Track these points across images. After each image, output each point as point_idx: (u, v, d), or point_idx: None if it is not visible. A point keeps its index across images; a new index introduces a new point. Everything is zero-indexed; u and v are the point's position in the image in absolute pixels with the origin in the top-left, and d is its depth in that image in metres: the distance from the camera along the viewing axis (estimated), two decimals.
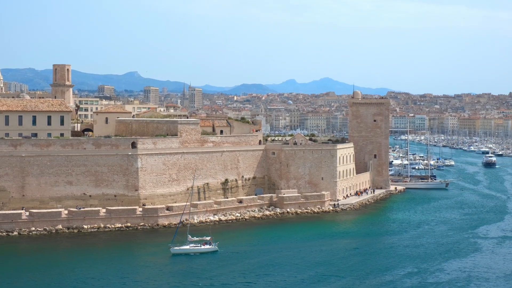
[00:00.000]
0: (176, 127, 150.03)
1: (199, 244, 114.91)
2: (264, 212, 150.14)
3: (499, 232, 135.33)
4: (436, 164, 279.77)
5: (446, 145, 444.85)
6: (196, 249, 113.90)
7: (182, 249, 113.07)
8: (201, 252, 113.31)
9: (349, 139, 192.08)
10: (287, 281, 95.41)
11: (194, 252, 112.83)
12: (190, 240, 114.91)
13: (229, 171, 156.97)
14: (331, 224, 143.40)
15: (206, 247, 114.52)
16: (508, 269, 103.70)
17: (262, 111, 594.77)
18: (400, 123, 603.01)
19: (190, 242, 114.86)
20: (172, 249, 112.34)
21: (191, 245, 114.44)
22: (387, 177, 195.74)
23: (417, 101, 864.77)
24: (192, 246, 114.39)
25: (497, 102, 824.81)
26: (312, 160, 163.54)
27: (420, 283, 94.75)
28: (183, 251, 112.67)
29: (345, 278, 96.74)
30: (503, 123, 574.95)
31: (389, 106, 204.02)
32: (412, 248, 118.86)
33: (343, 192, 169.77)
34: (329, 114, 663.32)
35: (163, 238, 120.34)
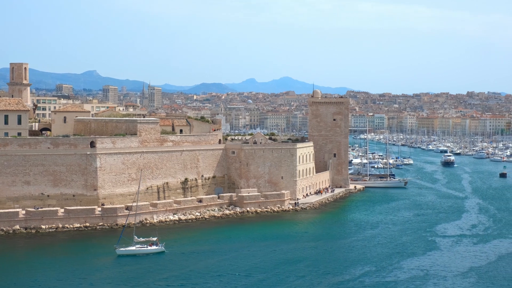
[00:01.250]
0: (135, 126, 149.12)
1: (146, 245, 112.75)
2: (224, 212, 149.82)
3: (457, 230, 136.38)
4: (395, 163, 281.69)
5: (405, 144, 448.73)
6: (142, 250, 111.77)
7: (128, 250, 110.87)
8: (147, 253, 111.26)
9: (309, 138, 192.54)
10: (242, 282, 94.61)
11: (140, 253, 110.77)
12: (136, 241, 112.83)
13: (188, 171, 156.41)
14: (290, 223, 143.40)
15: (153, 248, 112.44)
16: (465, 267, 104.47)
17: (222, 110, 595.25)
18: (359, 122, 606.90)
19: (136, 243, 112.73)
20: (117, 250, 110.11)
21: (137, 246, 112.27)
22: (346, 176, 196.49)
23: (376, 100, 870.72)
24: (138, 247, 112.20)
25: (455, 101, 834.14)
26: (272, 159, 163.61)
27: (379, 282, 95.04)
28: (129, 252, 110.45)
29: (304, 278, 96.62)
30: (461, 122, 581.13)
31: (349, 105, 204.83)
32: (371, 247, 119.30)
33: (303, 191, 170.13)
34: (289, 113, 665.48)
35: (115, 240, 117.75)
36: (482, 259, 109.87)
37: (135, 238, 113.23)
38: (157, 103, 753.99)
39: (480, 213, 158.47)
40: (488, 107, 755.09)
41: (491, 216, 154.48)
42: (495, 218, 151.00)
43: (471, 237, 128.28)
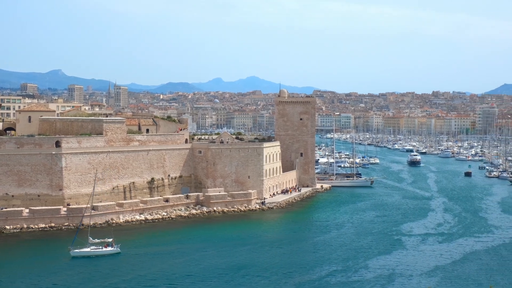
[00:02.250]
0: (101, 125, 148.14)
1: (101, 246, 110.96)
2: (191, 211, 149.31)
3: (422, 229, 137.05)
4: (361, 162, 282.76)
5: (371, 144, 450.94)
6: (97, 251, 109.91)
7: (82, 251, 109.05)
8: (102, 254, 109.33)
9: (276, 138, 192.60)
10: (198, 285, 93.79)
11: (95, 255, 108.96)
12: (90, 242, 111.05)
13: (155, 170, 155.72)
14: (257, 223, 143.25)
15: (108, 249, 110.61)
16: (430, 265, 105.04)
17: (188, 110, 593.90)
18: (326, 122, 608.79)
19: (91, 244, 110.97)
20: (71, 252, 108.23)
21: (92, 248, 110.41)
22: (313, 175, 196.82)
23: (342, 99, 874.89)
24: (93, 248, 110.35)
25: (420, 101, 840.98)
26: (238, 159, 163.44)
27: (345, 281, 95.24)
28: (83, 254, 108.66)
29: (270, 278, 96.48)
30: (426, 121, 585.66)
31: (315, 105, 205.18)
32: (337, 246, 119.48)
33: (270, 190, 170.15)
34: (255, 113, 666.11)
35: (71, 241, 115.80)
36: (447, 258, 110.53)
37: (90, 239, 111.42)
38: (123, 103, 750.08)
39: (446, 212, 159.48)
40: (453, 107, 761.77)
41: (456, 215, 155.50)
42: (460, 217, 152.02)
43: (436, 236, 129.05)
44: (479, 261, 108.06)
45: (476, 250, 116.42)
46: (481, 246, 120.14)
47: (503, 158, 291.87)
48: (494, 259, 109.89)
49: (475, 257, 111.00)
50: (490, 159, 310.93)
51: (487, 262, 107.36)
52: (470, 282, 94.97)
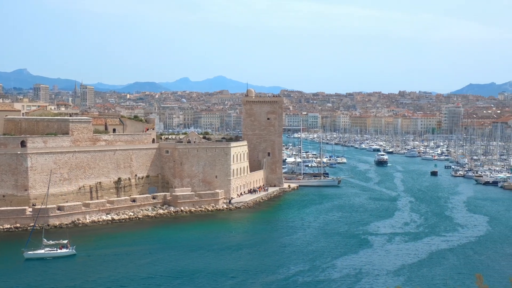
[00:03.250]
0: (67, 125, 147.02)
1: (55, 248, 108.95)
2: (158, 211, 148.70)
3: (389, 228, 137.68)
4: (328, 162, 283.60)
5: (338, 143, 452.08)
6: (52, 253, 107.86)
7: (36, 253, 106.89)
8: (57, 256, 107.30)
9: (243, 137, 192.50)
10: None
11: (49, 257, 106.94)
12: (45, 244, 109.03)
13: (122, 170, 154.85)
14: (224, 223, 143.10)
15: (63, 251, 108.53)
16: (397, 264, 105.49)
17: (155, 109, 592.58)
18: (293, 121, 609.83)
19: (45, 246, 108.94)
20: (25, 254, 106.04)
21: (46, 249, 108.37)
22: (280, 174, 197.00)
23: (310, 99, 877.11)
24: (48, 250, 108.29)
25: (387, 100, 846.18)
26: (206, 159, 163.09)
27: (312, 281, 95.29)
28: (37, 256, 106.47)
29: (236, 278, 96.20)
30: (393, 121, 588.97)
31: (283, 105, 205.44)
32: (304, 245, 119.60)
33: (237, 190, 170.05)
34: (223, 112, 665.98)
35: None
36: (413, 256, 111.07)
37: (44, 241, 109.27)
38: (89, 102, 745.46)
39: (412, 212, 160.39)
40: (419, 106, 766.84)
41: (422, 214, 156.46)
42: (426, 217, 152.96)
43: (403, 235, 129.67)
44: (445, 260, 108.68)
45: (442, 249, 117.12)
46: (447, 245, 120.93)
47: (468, 157, 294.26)
48: (460, 258, 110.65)
49: (441, 256, 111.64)
50: (456, 158, 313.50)
51: (453, 261, 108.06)
52: (436, 281, 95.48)
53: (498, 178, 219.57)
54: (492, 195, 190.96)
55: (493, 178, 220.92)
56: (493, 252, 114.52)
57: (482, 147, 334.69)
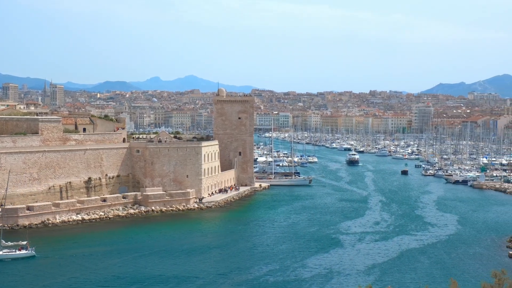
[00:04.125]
0: (37, 125, 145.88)
1: (14, 249, 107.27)
2: (129, 211, 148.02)
3: (360, 228, 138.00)
4: (299, 161, 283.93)
5: (309, 142, 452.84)
6: (10, 255, 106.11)
7: None
8: (16, 257, 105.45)
9: (214, 137, 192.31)
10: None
11: (7, 258, 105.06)
12: (3, 245, 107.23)
13: (92, 170, 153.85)
14: (195, 222, 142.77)
15: (22, 252, 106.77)
16: (368, 263, 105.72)
17: (126, 109, 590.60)
18: (264, 121, 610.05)
19: (4, 247, 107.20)
20: None
21: (5, 251, 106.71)
22: (251, 174, 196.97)
23: (281, 99, 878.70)
24: (6, 251, 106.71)
25: (358, 100, 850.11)
26: (177, 158, 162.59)
27: (283, 280, 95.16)
28: None
29: (206, 278, 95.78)
30: (363, 120, 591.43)
31: (254, 104, 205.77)
32: (275, 245, 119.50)
33: (208, 189, 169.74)
34: (194, 112, 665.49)
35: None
36: (384, 256, 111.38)
37: (3, 242, 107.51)
38: (59, 102, 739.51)
39: (383, 211, 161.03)
40: (390, 106, 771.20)
41: (393, 213, 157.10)
42: (397, 216, 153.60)
43: (373, 234, 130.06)
44: (415, 259, 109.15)
45: (413, 248, 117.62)
46: (417, 244, 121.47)
47: (438, 156, 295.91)
48: (431, 256, 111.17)
49: (412, 255, 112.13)
50: (426, 157, 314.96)
51: (424, 259, 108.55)
52: (407, 280, 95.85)
53: (468, 177, 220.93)
54: (462, 194, 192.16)
55: (463, 177, 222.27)
56: (463, 252, 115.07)
57: (452, 146, 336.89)
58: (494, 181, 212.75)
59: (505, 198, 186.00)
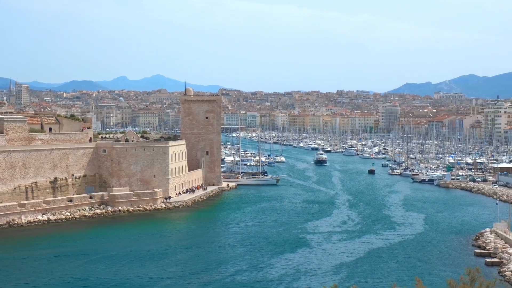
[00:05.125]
0: (2, 124, 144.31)
1: None
2: (95, 211, 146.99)
3: (327, 227, 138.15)
4: (267, 161, 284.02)
5: (276, 142, 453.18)
6: None
7: None
8: None
9: (181, 136, 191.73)
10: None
11: None
12: None
13: (58, 170, 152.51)
14: (162, 222, 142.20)
15: None
16: (335, 263, 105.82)
17: (92, 108, 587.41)
18: (232, 120, 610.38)
19: None
20: None
21: None
22: (219, 173, 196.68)
23: (248, 98, 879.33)
24: None
25: (325, 99, 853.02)
26: (144, 158, 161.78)
27: (250, 280, 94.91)
28: None
29: (172, 279, 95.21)
30: (331, 120, 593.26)
31: (221, 104, 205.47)
32: (242, 245, 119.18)
33: (176, 189, 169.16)
34: (161, 111, 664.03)
35: None
36: (351, 255, 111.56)
37: None
38: (24, 101, 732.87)
39: (350, 210, 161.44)
40: (357, 105, 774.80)
41: (360, 212, 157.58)
42: (364, 215, 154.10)
43: (340, 234, 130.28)
44: (382, 258, 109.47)
45: (379, 248, 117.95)
46: (384, 243, 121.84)
47: (405, 155, 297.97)
48: (398, 255, 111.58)
49: (379, 254, 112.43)
50: (393, 157, 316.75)
51: (391, 259, 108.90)
52: (374, 279, 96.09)
53: (434, 176, 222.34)
54: (428, 194, 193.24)
55: (429, 176, 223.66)
56: (429, 251, 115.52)
57: (419, 146, 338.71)
58: (460, 180, 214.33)
59: (471, 197, 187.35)
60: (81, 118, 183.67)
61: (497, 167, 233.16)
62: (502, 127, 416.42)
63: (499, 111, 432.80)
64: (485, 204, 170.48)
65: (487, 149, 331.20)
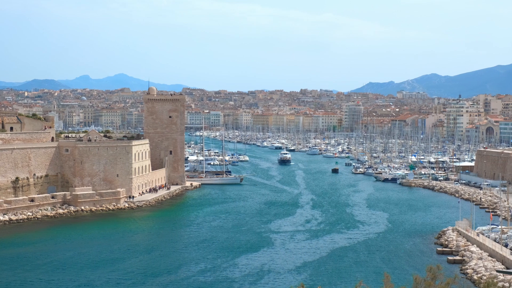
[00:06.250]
0: None
1: None
2: (58, 211, 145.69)
3: (291, 226, 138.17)
4: (231, 160, 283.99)
5: (240, 141, 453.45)
6: None
7: None
8: None
9: (145, 136, 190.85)
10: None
11: None
12: None
13: (20, 169, 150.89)
14: (125, 222, 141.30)
15: None
16: (298, 262, 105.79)
17: (54, 108, 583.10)
18: (195, 120, 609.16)
19: None
20: None
21: None
22: (183, 173, 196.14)
23: (212, 97, 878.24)
24: None
25: (289, 98, 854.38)
26: (107, 157, 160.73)
27: (213, 280, 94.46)
28: None
29: (134, 279, 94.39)
30: (294, 119, 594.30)
31: (185, 103, 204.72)
32: (206, 244, 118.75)
33: (139, 188, 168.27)
34: (124, 111, 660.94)
35: None
36: (315, 254, 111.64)
37: None
38: None
39: (313, 209, 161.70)
40: (320, 104, 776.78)
41: (324, 211, 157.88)
42: (327, 214, 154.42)
43: (304, 233, 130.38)
44: (346, 256, 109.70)
45: (343, 246, 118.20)
46: (348, 242, 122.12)
47: (368, 154, 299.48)
48: (361, 254, 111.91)
49: (342, 253, 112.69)
50: (356, 156, 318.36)
51: (354, 258, 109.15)
52: (338, 278, 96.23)
53: (397, 175, 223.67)
54: (391, 192, 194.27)
55: (392, 175, 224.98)
56: (393, 249, 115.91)
57: (382, 145, 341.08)
58: (422, 179, 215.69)
59: (433, 195, 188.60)
60: (43, 117, 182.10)
61: (459, 165, 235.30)
62: (464, 126, 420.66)
63: (460, 110, 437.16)
64: (447, 203, 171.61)
65: (449, 148, 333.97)
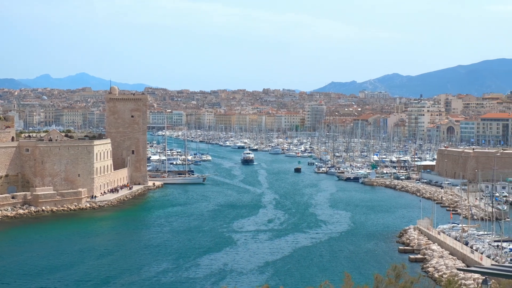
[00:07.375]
0: None
1: None
2: (18, 211, 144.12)
3: (254, 226, 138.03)
4: (193, 159, 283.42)
5: (203, 141, 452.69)
6: None
7: None
8: None
9: (107, 135, 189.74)
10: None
11: None
12: None
13: None
14: (87, 222, 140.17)
15: None
16: (261, 261, 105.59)
17: (14, 107, 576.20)
18: (157, 119, 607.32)
19: None
20: None
21: None
22: (145, 172, 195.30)
23: (174, 97, 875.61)
24: None
25: (251, 98, 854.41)
26: (68, 157, 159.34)
27: (175, 280, 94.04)
28: None
29: (96, 280, 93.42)
30: (257, 118, 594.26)
31: (147, 102, 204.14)
32: (168, 244, 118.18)
33: (101, 188, 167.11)
34: (85, 110, 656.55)
35: None
36: (277, 253, 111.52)
37: None
38: None
39: (276, 209, 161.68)
40: (283, 104, 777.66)
41: (286, 211, 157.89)
42: (290, 213, 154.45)
43: (267, 232, 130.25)
44: (309, 256, 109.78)
45: (306, 246, 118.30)
46: (311, 241, 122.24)
47: (331, 154, 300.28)
48: (324, 254, 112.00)
49: (305, 252, 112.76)
50: (318, 155, 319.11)
51: (317, 257, 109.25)
52: (302, 278, 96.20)
53: (359, 174, 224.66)
54: (353, 191, 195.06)
55: (354, 174, 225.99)
56: (355, 248, 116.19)
57: (344, 144, 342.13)
58: (384, 178, 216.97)
59: (395, 194, 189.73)
60: (2, 116, 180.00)
61: (420, 165, 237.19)
62: (425, 126, 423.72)
63: (422, 110, 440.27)
64: (409, 202, 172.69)
65: (410, 147, 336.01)
